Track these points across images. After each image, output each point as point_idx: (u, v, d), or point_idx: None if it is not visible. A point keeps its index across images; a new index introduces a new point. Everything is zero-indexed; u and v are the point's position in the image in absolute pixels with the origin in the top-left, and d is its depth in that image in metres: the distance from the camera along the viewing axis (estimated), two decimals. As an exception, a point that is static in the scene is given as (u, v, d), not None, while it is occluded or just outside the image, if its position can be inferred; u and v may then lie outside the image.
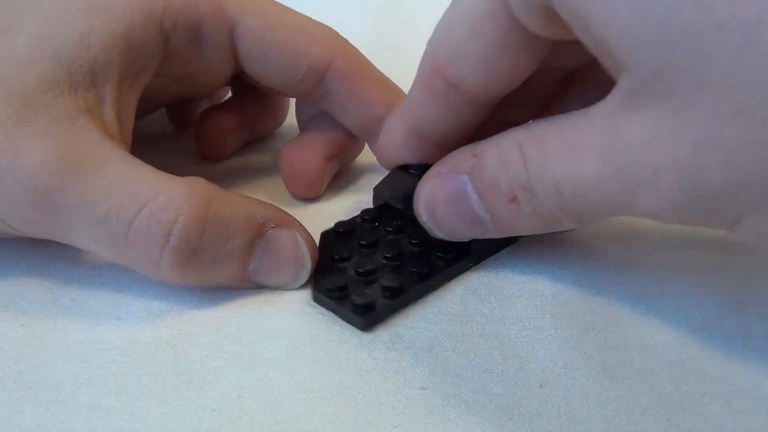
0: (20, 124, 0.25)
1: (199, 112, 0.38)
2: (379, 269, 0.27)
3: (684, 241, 0.30)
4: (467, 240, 0.27)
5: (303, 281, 0.28)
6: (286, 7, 0.32)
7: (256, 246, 0.27)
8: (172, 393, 0.23)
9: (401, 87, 0.32)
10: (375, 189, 0.31)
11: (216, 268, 0.27)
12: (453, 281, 0.28)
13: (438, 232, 0.27)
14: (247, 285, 0.28)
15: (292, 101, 0.39)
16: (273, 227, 0.27)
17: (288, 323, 0.26)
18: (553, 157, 0.23)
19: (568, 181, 0.23)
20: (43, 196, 0.25)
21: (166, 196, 0.26)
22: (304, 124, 0.36)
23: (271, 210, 0.28)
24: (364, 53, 0.33)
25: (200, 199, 0.26)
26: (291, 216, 0.28)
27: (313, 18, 0.33)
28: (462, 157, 0.26)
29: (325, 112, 0.34)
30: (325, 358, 0.25)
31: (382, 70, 0.33)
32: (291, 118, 0.40)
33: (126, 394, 0.23)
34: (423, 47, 0.26)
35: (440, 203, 0.26)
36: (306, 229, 0.28)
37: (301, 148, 0.34)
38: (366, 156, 0.36)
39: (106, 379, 0.24)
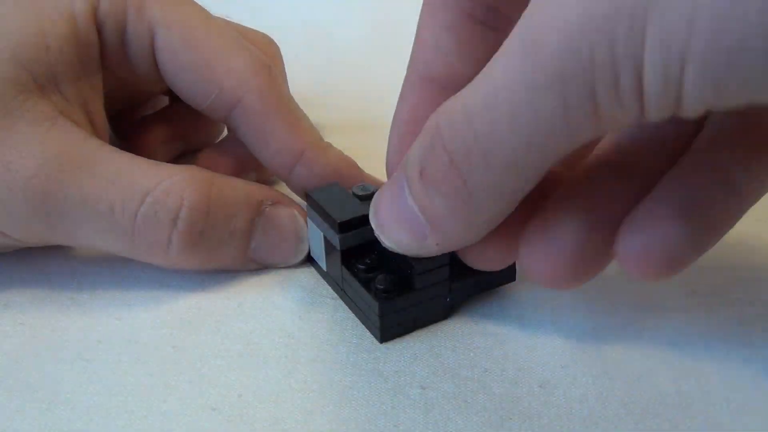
0: (0, 132, 0.25)
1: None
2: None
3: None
4: (417, 254, 0.24)
5: (302, 256, 0.29)
6: (215, 24, 0.30)
7: (256, 224, 0.28)
8: (172, 392, 0.23)
9: (397, 87, 0.32)
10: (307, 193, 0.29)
11: (221, 248, 0.27)
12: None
13: (384, 240, 0.24)
14: (250, 266, 0.29)
15: None
16: (270, 205, 0.28)
17: (288, 323, 0.26)
18: (465, 90, 0.20)
19: (474, 101, 0.19)
20: (41, 200, 0.25)
21: (168, 183, 0.26)
22: (229, 131, 0.34)
23: (268, 189, 0.29)
24: (362, 54, 0.32)
25: (201, 182, 0.27)
26: (287, 195, 0.29)
27: (313, 19, 0.32)
28: None
29: None
30: (325, 358, 0.25)
31: (380, 71, 0.33)
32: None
33: (126, 394, 0.23)
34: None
35: (382, 204, 0.24)
36: (301, 207, 0.29)
37: (215, 159, 0.32)
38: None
39: (106, 379, 0.24)
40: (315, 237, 0.28)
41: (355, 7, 0.55)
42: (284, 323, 0.26)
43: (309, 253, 0.29)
